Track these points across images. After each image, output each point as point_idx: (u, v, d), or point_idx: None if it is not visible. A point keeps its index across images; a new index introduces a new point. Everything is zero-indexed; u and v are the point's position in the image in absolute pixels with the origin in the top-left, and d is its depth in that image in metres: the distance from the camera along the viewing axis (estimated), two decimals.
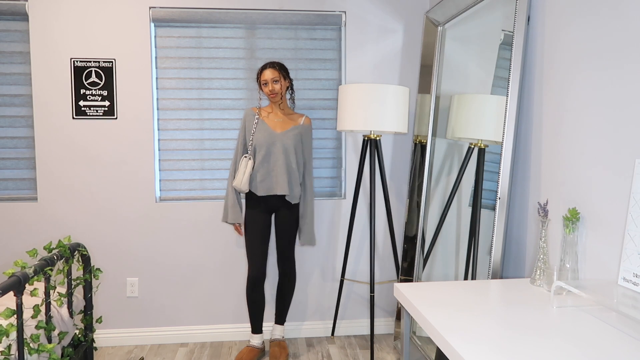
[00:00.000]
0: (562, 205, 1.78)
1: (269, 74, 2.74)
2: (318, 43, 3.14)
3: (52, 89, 2.95)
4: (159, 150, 3.09)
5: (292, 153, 2.76)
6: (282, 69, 2.78)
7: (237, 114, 3.12)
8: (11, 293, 2.33)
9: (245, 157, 2.77)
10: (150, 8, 2.97)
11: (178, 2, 2.99)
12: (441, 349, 1.24)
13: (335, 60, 3.16)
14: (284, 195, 2.79)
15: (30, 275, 1.91)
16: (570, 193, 1.73)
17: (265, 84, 2.75)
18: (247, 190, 2.76)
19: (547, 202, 1.73)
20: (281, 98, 2.82)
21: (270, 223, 2.86)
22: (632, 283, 1.36)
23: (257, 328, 2.88)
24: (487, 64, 2.36)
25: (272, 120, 2.82)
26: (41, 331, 2.04)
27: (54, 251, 2.29)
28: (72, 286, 2.45)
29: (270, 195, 2.78)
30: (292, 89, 2.90)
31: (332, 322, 3.23)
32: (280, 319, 2.96)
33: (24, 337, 1.88)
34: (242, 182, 2.73)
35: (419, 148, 2.93)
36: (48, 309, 2.12)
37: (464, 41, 2.63)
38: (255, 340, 2.89)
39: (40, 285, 2.38)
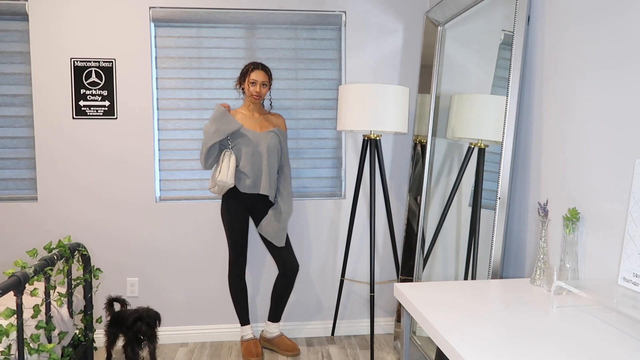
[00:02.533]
0: (562, 205, 1.78)
1: (260, 76, 2.75)
2: (318, 43, 3.14)
3: (52, 89, 2.95)
4: (159, 150, 3.09)
5: (275, 153, 2.78)
6: (271, 76, 2.82)
7: None
8: (11, 293, 2.33)
9: (228, 151, 2.73)
10: (150, 8, 2.97)
11: (178, 2, 2.99)
12: (441, 349, 1.24)
13: (335, 60, 3.16)
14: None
15: (30, 275, 1.91)
16: (570, 193, 1.73)
17: (254, 83, 2.74)
18: (232, 185, 2.73)
19: (547, 202, 1.73)
20: (261, 102, 2.86)
21: (249, 218, 2.87)
22: (632, 283, 1.36)
23: (247, 319, 2.96)
24: (487, 64, 2.36)
25: (250, 122, 2.81)
26: (41, 331, 2.04)
27: (54, 251, 2.29)
28: (72, 286, 2.45)
29: (252, 193, 2.80)
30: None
31: (332, 322, 3.23)
32: (276, 316, 2.96)
33: (24, 337, 1.88)
34: (227, 175, 2.68)
35: (419, 148, 2.93)
36: (48, 309, 2.12)
37: (464, 41, 2.63)
38: (250, 332, 2.95)
39: (40, 285, 2.38)
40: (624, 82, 1.48)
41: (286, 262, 2.84)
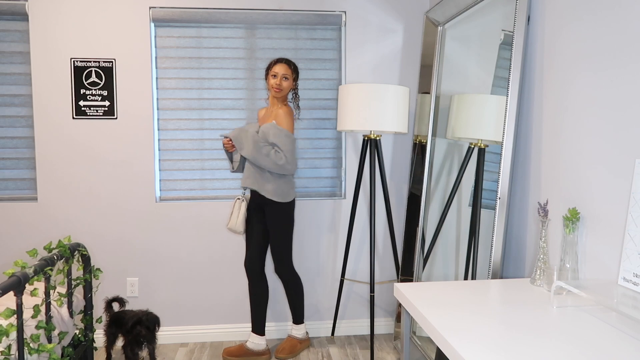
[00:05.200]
0: (562, 205, 1.78)
1: (282, 69, 2.71)
2: (318, 43, 3.14)
3: (52, 89, 2.95)
4: (159, 150, 3.09)
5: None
6: (295, 70, 2.77)
7: (237, 114, 3.11)
8: (11, 293, 2.33)
9: (240, 199, 2.78)
10: (150, 8, 2.97)
11: (178, 2, 2.99)
12: (441, 349, 1.24)
13: (335, 60, 3.16)
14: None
15: (30, 275, 1.91)
16: (570, 193, 1.73)
17: (275, 76, 2.71)
18: (242, 232, 2.80)
19: (547, 202, 1.73)
20: (284, 98, 2.78)
21: (263, 218, 2.82)
22: (632, 283, 1.36)
23: (255, 326, 2.85)
24: (487, 64, 2.36)
25: (265, 117, 2.82)
26: (41, 331, 2.04)
27: (54, 251, 2.29)
28: (72, 286, 2.45)
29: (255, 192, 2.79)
30: (296, 94, 2.86)
31: (332, 322, 3.23)
32: (294, 318, 2.97)
33: (24, 337, 1.88)
34: (237, 224, 2.77)
35: (419, 148, 2.93)
36: (48, 309, 2.12)
37: (464, 41, 2.63)
38: (253, 340, 2.86)
39: (40, 285, 2.38)
40: (624, 82, 1.48)
41: (280, 272, 2.84)
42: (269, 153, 2.60)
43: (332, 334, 3.18)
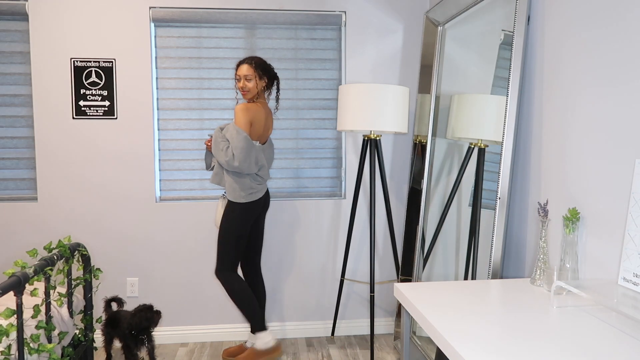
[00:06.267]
0: (562, 205, 1.78)
1: (243, 70, 2.59)
2: (318, 43, 3.14)
3: (52, 89, 2.95)
4: (159, 150, 3.09)
5: (214, 144, 2.61)
6: (259, 67, 2.61)
7: None
8: (11, 293, 2.33)
9: (222, 198, 2.77)
10: (150, 8, 2.97)
11: (178, 2, 2.98)
12: (441, 349, 1.24)
13: (335, 60, 3.16)
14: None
15: (30, 275, 1.91)
16: (570, 193, 1.73)
17: (239, 79, 2.62)
18: None
19: (547, 202, 1.73)
20: (257, 98, 2.66)
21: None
22: (632, 283, 1.36)
23: (256, 325, 2.75)
24: (487, 64, 2.36)
25: None
26: (41, 331, 2.04)
27: (54, 251, 2.29)
28: (72, 286, 2.45)
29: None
30: (277, 88, 2.74)
31: (332, 322, 3.23)
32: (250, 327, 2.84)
33: (24, 337, 1.88)
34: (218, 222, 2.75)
35: (419, 148, 2.93)
36: (48, 309, 2.12)
37: (464, 41, 2.63)
38: (259, 338, 2.77)
39: (40, 285, 2.38)
40: (624, 81, 1.48)
41: (215, 273, 2.72)
42: (223, 148, 2.53)
43: (332, 334, 3.18)
